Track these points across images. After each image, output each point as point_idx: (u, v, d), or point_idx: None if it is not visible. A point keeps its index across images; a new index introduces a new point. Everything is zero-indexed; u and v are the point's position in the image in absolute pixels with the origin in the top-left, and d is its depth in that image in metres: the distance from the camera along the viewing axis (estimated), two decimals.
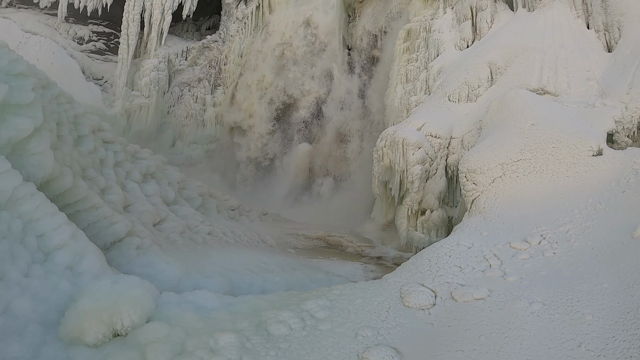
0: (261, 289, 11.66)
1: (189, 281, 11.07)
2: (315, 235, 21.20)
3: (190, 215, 16.30)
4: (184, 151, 34.58)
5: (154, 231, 13.49)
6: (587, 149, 12.97)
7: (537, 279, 8.27)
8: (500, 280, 8.31)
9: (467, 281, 8.39)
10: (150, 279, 10.78)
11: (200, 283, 11.04)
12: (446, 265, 8.98)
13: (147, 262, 11.52)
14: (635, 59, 16.76)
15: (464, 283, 8.30)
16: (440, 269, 8.84)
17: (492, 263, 9.11)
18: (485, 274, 8.68)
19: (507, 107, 14.78)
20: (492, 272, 8.70)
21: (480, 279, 8.44)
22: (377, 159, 18.73)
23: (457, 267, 8.89)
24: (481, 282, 8.30)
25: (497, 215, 11.95)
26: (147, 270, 11.23)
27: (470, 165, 13.41)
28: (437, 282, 8.38)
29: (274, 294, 8.89)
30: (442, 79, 20.40)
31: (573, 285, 7.84)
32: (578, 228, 10.49)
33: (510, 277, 8.43)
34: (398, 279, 8.60)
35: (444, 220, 17.83)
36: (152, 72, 34.25)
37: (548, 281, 8.15)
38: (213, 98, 35.82)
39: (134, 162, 17.05)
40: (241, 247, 15.51)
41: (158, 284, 10.68)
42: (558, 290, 7.74)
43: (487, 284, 8.16)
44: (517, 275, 8.46)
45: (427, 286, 8.23)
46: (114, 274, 9.64)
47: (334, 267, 15.61)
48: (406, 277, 8.68)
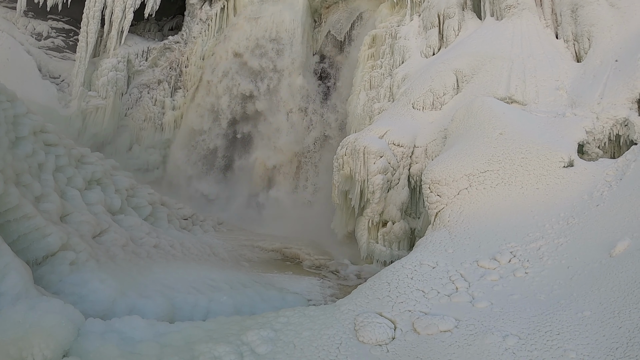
0: (206, 310, 10.59)
1: (124, 302, 9.94)
2: (272, 247, 20.14)
3: (136, 225, 15.10)
4: (140, 155, 33.12)
5: (93, 244, 12.28)
6: (558, 160, 12.29)
7: (510, 305, 7.39)
8: (469, 307, 7.39)
9: (432, 308, 7.45)
10: (80, 299, 9.76)
11: (137, 305, 9.94)
12: (407, 290, 8.00)
13: (80, 280, 10.33)
14: (606, 69, 16.28)
15: (428, 311, 7.36)
16: (400, 294, 7.86)
17: (459, 285, 8.20)
18: (452, 299, 7.76)
19: (474, 116, 14.03)
20: (459, 297, 7.78)
21: (446, 306, 7.51)
22: (337, 167, 17.82)
23: (420, 292, 7.94)
24: (447, 309, 7.37)
25: (463, 230, 11.11)
26: (78, 289, 10.08)
27: (434, 175, 12.56)
28: (397, 310, 7.40)
29: (214, 321, 7.81)
30: (407, 86, 19.64)
31: (550, 312, 6.97)
32: (550, 245, 9.72)
33: (479, 302, 7.52)
34: (352, 307, 7.59)
35: (406, 232, 17.01)
36: (111, 72, 32.75)
37: (522, 307, 7.26)
38: (173, 101, 34.48)
39: (78, 167, 15.78)
40: (189, 261, 14.35)
41: (88, 305, 9.62)
42: (534, 319, 6.86)
43: (454, 312, 7.23)
44: (487, 301, 7.56)
45: (385, 316, 7.26)
46: (37, 296, 8.46)
47: (289, 283, 14.57)
48: (362, 304, 7.68)
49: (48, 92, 32.12)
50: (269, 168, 29.99)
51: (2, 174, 10.42)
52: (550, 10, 19.77)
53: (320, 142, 29.49)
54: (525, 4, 19.93)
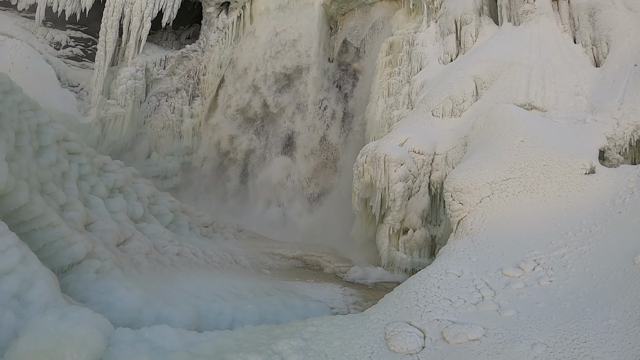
0: (231, 318, 10.70)
1: (150, 310, 10.05)
2: (292, 254, 20.25)
3: (158, 233, 15.29)
4: (159, 163, 33.47)
5: (117, 252, 12.45)
6: (580, 167, 12.31)
7: (536, 313, 7.46)
8: (496, 316, 7.46)
9: (459, 317, 7.53)
10: (107, 307, 9.84)
11: (163, 313, 10.04)
12: (435, 299, 8.10)
13: (106, 289, 10.45)
14: (625, 74, 16.26)
15: (456, 320, 7.44)
16: (428, 304, 7.95)
17: (485, 294, 8.28)
18: (479, 307, 7.84)
19: (495, 123, 14.08)
20: (486, 306, 7.86)
21: (474, 315, 7.59)
22: (357, 175, 17.93)
23: (448, 301, 8.02)
24: (475, 318, 7.45)
25: (486, 238, 11.17)
26: (104, 297, 10.16)
27: (456, 184, 12.63)
28: (426, 319, 7.50)
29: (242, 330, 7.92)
30: (426, 93, 19.71)
31: (576, 321, 7.04)
32: (574, 252, 9.75)
33: (506, 311, 7.59)
34: (382, 316, 7.68)
35: (427, 239, 17.06)
36: (129, 80, 33.20)
37: (548, 316, 7.33)
38: (191, 109, 34.86)
39: (100, 175, 15.99)
40: (212, 269, 14.49)
41: (116, 314, 9.71)
42: (560, 327, 6.93)
43: (482, 321, 7.32)
44: (514, 309, 7.63)
45: (414, 325, 7.35)
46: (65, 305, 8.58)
47: (311, 291, 14.65)
48: (391, 313, 7.78)
49: (67, 101, 32.35)
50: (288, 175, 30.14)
51: (27, 183, 10.54)
52: (568, 15, 19.75)
53: (339, 149, 29.61)
54: (542, 8, 19.94)
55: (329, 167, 29.66)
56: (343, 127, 29.93)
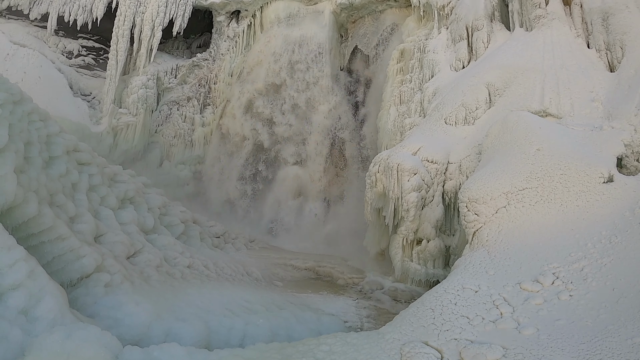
0: (242, 334, 10.50)
1: (160, 326, 9.87)
2: (304, 265, 20.05)
3: (169, 245, 15.13)
4: (171, 171, 33.40)
5: (127, 265, 12.31)
6: (598, 176, 12.01)
7: (557, 331, 7.20)
8: (515, 334, 7.21)
9: (478, 336, 7.28)
10: (116, 323, 9.67)
11: (173, 328, 9.87)
12: (452, 316, 7.85)
13: (115, 303, 10.27)
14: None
15: (474, 339, 7.19)
16: (445, 322, 7.71)
17: (503, 311, 8.02)
18: (497, 325, 7.58)
19: (510, 131, 13.82)
20: (505, 323, 7.60)
21: (492, 333, 7.34)
22: (370, 184, 17.71)
23: (465, 318, 7.77)
24: (493, 336, 7.20)
25: (503, 250, 10.91)
26: (113, 312, 9.98)
27: (471, 194, 12.38)
28: (443, 338, 7.25)
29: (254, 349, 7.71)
30: (438, 100, 19.47)
31: (599, 339, 6.78)
32: (594, 265, 9.47)
33: (525, 329, 7.34)
34: (397, 335, 7.44)
35: (441, 250, 16.77)
36: (141, 89, 33.21)
37: (569, 334, 7.07)
38: (202, 118, 34.80)
39: (111, 186, 15.85)
40: (223, 281, 14.31)
41: (124, 330, 9.55)
42: (583, 347, 6.67)
43: (501, 340, 7.06)
44: (533, 327, 7.37)
45: (431, 345, 7.10)
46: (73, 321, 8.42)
47: (324, 304, 14.44)
48: (406, 332, 7.53)
49: (79, 110, 32.42)
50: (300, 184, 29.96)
51: (36, 195, 10.41)
52: (581, 20, 19.44)
53: (351, 158, 29.40)
54: (554, 13, 19.67)
55: (342, 177, 29.44)
56: (355, 135, 29.72)
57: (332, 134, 30.11)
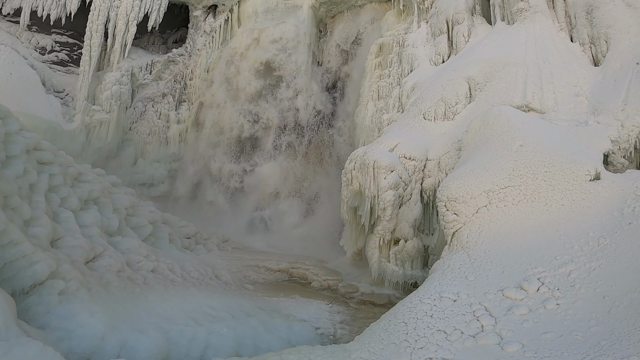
0: (204, 345, 9.74)
1: (114, 338, 9.10)
2: (278, 267, 19.20)
3: (133, 248, 14.24)
4: (146, 170, 32.44)
5: (85, 271, 11.42)
6: (584, 173, 11.37)
7: (544, 347, 6.47)
8: (498, 351, 6.47)
9: (456, 354, 6.52)
10: (68, 335, 8.97)
11: (129, 341, 9.12)
12: (427, 331, 7.07)
13: (68, 313, 9.47)
14: (627, 73, 15.38)
15: (452, 357, 6.44)
16: (420, 338, 6.92)
17: (485, 323, 7.28)
18: (478, 340, 6.83)
19: (491, 126, 13.14)
20: (486, 338, 6.86)
21: (472, 350, 6.58)
22: (345, 182, 16.93)
23: (442, 333, 7.01)
24: (473, 354, 6.45)
25: (484, 252, 10.20)
26: (66, 323, 9.21)
27: (450, 192, 11.65)
28: (417, 358, 6.46)
29: None
30: (417, 95, 18.76)
31: (591, 357, 6.06)
32: (582, 270, 8.79)
33: (509, 345, 6.60)
34: (365, 354, 6.63)
35: (419, 250, 16.06)
36: (114, 85, 32.18)
37: (558, 350, 6.34)
38: (177, 114, 33.86)
39: (74, 186, 14.92)
40: (189, 286, 13.45)
41: (76, 342, 8.85)
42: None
43: (482, 358, 6.31)
44: (518, 342, 6.63)
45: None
46: (18, 335, 7.61)
47: (295, 309, 13.64)
48: (375, 350, 6.73)
49: (52, 107, 31.38)
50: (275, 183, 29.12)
51: None
52: (564, 13, 18.86)
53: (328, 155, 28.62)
54: (537, 7, 19.05)
55: (319, 174, 28.65)
56: (332, 132, 28.95)
57: (309, 130, 29.30)
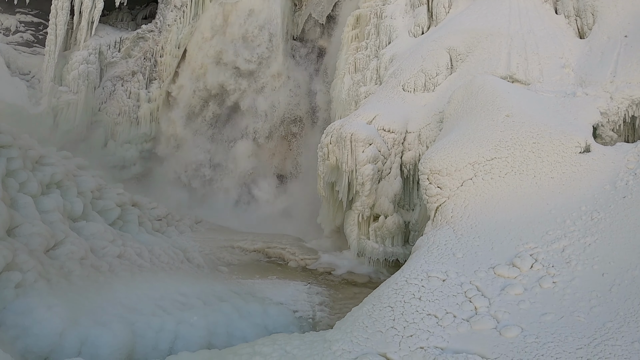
0: (173, 335, 9.00)
1: (74, 334, 8.29)
2: (253, 247, 18.49)
3: (98, 233, 13.31)
4: (116, 152, 31.21)
5: (45, 260, 10.52)
6: (574, 145, 10.79)
7: (545, 331, 5.86)
8: (495, 337, 5.83)
9: (450, 342, 5.87)
10: (24, 333, 8.16)
11: (91, 336, 8.31)
12: (417, 316, 6.37)
13: (25, 308, 8.63)
14: (615, 46, 14.92)
15: (445, 345, 5.78)
16: (409, 324, 6.23)
17: (478, 305, 6.64)
18: (473, 325, 6.18)
19: (475, 96, 12.46)
20: (482, 323, 6.21)
21: (467, 336, 5.93)
22: (322, 157, 16.18)
23: (433, 317, 6.34)
24: (469, 341, 5.80)
25: (470, 227, 9.58)
26: (22, 319, 8.38)
27: (433, 164, 10.97)
28: (406, 348, 5.77)
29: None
30: (395, 66, 18.00)
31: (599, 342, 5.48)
32: (576, 245, 8.23)
33: (507, 329, 5.96)
34: (347, 346, 5.92)
35: (400, 226, 15.45)
36: (82, 65, 30.82)
37: (561, 335, 5.73)
38: (148, 93, 32.54)
39: (35, 170, 13.85)
40: (158, 272, 12.64)
41: (32, 340, 8.03)
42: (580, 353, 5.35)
43: (479, 346, 5.68)
44: (516, 325, 6.01)
45: (391, 358, 5.64)
46: None
47: (272, 291, 12.96)
48: (359, 340, 6.02)
49: (18, 90, 30.35)
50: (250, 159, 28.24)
51: None
52: None
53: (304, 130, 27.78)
54: None
55: (295, 151, 27.84)
56: (308, 107, 28.07)
57: (284, 106, 28.38)
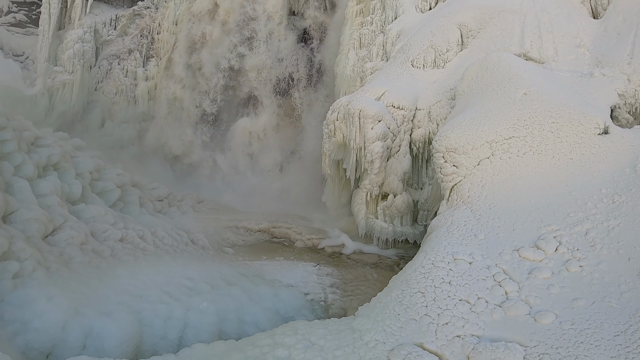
0: (182, 324, 8.67)
1: (77, 326, 7.92)
2: (258, 227, 18.21)
3: (99, 216, 12.96)
4: (114, 132, 30.89)
5: (43, 247, 10.17)
6: (593, 126, 10.46)
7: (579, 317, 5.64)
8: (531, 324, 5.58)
9: (486, 329, 5.61)
10: (24, 328, 7.78)
11: (95, 327, 7.96)
12: (449, 302, 6.10)
13: (23, 300, 8.23)
14: (632, 27, 14.56)
15: (482, 333, 5.53)
16: (442, 311, 5.96)
17: (508, 289, 6.39)
18: (507, 311, 5.93)
19: (490, 73, 12.10)
20: (515, 308, 5.95)
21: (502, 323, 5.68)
22: (327, 134, 15.81)
23: (465, 303, 6.08)
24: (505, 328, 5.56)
25: (489, 208, 9.29)
26: (21, 313, 7.99)
27: (449, 143, 10.64)
28: (443, 337, 5.52)
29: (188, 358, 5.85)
30: (403, 42, 17.56)
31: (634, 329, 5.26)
32: (600, 229, 7.97)
33: (542, 315, 5.72)
34: (381, 336, 5.63)
35: (409, 205, 15.12)
36: (77, 44, 30.39)
37: (597, 321, 5.51)
38: (145, 71, 32.18)
39: (30, 152, 13.39)
40: (162, 255, 12.33)
41: (33, 336, 7.65)
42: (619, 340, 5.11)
43: (515, 333, 5.43)
44: (550, 312, 5.77)
45: (428, 348, 5.38)
46: None
47: (281, 273, 12.70)
48: (393, 329, 5.74)
49: (12, 72, 30.14)
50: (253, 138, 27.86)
51: None
52: None
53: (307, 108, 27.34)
54: None
55: (297, 128, 27.43)
56: (310, 84, 27.62)
57: (286, 82, 27.91)
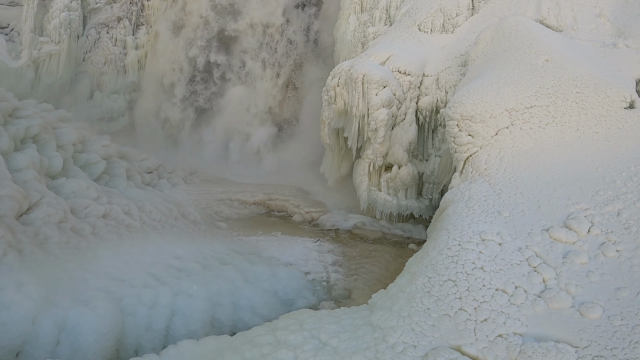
0: (169, 311, 7.81)
1: (50, 318, 7.08)
2: (253, 199, 17.35)
3: (80, 190, 12.05)
4: (103, 103, 29.85)
5: (16, 227, 9.28)
6: (620, 99, 9.71)
7: (628, 311, 5.01)
8: (578, 319, 4.84)
9: (529, 325, 4.83)
10: None
11: (70, 318, 7.11)
12: (486, 292, 5.26)
13: None
14: None
15: (525, 331, 4.76)
16: (479, 304, 5.12)
17: (546, 276, 5.63)
18: (548, 303, 5.15)
19: (508, 38, 11.20)
20: (558, 300, 5.19)
21: (546, 318, 4.90)
22: (327, 101, 14.89)
23: (503, 294, 5.28)
24: (549, 324, 4.82)
25: (509, 182, 8.48)
26: None
27: (465, 110, 9.76)
28: (484, 338, 4.68)
29: None
30: (409, 5, 16.54)
31: None
32: (632, 209, 7.29)
33: (588, 309, 4.98)
34: (409, 337, 4.78)
35: (414, 177, 14.33)
36: (63, 12, 28.99)
37: None
38: (135, 40, 30.96)
39: (7, 124, 12.37)
40: (149, 232, 11.40)
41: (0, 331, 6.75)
42: None
43: (562, 331, 4.73)
44: (597, 305, 5.04)
45: (467, 353, 4.57)
46: None
47: (278, 250, 11.87)
48: (422, 327, 4.86)
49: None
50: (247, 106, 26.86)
51: None
52: None
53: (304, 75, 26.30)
54: None
55: (294, 97, 26.42)
56: (308, 51, 26.53)
57: (283, 50, 26.83)
